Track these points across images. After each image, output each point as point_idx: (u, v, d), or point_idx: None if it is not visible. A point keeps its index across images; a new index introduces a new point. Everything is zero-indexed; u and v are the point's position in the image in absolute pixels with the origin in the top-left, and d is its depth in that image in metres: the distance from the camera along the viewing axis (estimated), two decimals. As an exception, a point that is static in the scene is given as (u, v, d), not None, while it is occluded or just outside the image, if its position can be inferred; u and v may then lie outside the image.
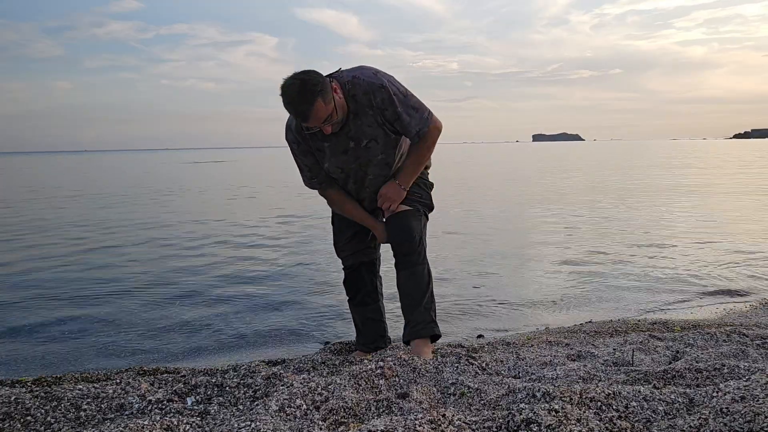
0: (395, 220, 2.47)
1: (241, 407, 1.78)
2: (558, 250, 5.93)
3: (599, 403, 1.62)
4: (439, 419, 1.51)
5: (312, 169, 2.45)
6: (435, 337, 2.47)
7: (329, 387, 1.85)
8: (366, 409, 1.76)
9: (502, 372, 2.24)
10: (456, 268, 5.09)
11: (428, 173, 2.62)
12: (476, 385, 1.92)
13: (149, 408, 1.77)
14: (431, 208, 2.58)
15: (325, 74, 2.21)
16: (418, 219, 2.49)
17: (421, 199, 2.53)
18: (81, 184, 19.48)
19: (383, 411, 1.76)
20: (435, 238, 6.67)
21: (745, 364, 2.05)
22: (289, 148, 2.43)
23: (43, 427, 1.66)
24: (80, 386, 1.88)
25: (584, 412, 1.56)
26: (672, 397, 1.69)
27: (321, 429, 1.62)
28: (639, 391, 1.70)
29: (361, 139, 2.34)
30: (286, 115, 2.28)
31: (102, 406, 1.77)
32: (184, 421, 1.61)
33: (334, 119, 2.21)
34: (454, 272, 4.94)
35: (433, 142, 2.39)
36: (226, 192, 15.06)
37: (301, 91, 2.10)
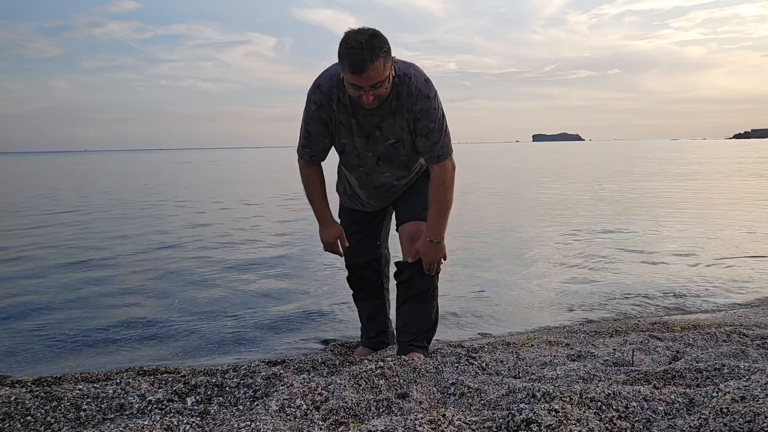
0: (419, 261, 2.39)
1: (241, 407, 1.78)
2: (558, 250, 5.94)
3: (599, 403, 1.62)
4: (439, 419, 1.50)
5: (313, 139, 2.27)
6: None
7: (329, 387, 1.85)
8: (366, 409, 1.76)
9: (502, 372, 2.24)
10: (456, 269, 5.09)
11: None
12: (476, 385, 1.92)
13: (149, 408, 1.77)
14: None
15: None
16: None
17: None
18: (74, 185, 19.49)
19: (383, 411, 1.76)
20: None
21: (745, 364, 2.05)
22: (306, 107, 2.23)
23: (43, 427, 1.65)
24: (80, 386, 1.88)
25: (584, 412, 1.56)
26: (672, 397, 1.69)
27: (321, 429, 1.62)
28: (639, 391, 1.70)
29: (388, 137, 2.24)
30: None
31: (102, 406, 1.77)
32: (184, 421, 1.60)
33: (382, 90, 2.04)
34: (454, 272, 4.94)
35: (451, 180, 2.26)
36: (223, 189, 15.08)
37: (369, 41, 1.93)
